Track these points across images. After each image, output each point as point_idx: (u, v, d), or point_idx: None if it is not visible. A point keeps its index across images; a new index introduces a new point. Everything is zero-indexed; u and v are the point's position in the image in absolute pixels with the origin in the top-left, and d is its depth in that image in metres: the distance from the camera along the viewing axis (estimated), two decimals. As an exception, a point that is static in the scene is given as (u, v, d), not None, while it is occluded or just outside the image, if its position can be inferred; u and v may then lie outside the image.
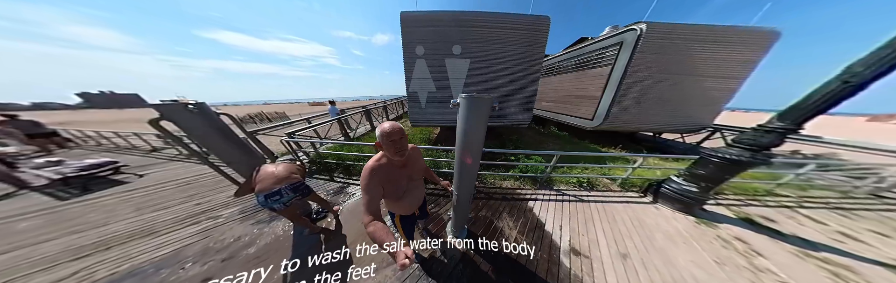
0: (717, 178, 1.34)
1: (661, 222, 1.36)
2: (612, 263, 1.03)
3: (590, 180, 1.89)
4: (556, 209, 1.48)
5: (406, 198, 0.70)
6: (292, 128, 2.20)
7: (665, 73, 2.73)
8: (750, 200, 1.71)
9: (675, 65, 2.68)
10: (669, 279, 0.96)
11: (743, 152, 1.21)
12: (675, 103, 2.93)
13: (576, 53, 3.74)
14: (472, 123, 0.65)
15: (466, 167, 0.76)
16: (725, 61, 2.71)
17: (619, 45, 2.76)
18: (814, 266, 1.06)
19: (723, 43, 2.61)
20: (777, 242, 1.22)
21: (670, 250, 1.13)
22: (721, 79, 2.82)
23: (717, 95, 2.93)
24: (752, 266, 1.04)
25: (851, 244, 1.26)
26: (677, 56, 2.64)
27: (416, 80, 2.61)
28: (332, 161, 2.17)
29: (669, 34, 2.51)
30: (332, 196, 1.66)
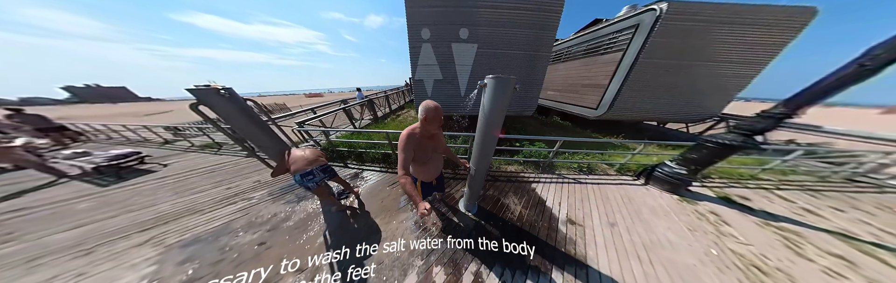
0: (708, 161, 1.45)
1: (648, 200, 1.54)
2: (602, 229, 1.22)
3: (590, 165, 2.03)
4: (556, 189, 1.65)
5: (429, 164, 0.87)
6: (297, 118, 2.25)
7: (680, 59, 2.54)
8: (733, 183, 1.88)
9: (692, 50, 2.46)
10: (647, 240, 1.15)
11: (737, 136, 1.29)
12: (685, 92, 2.79)
13: (588, 37, 3.42)
14: (497, 101, 0.73)
15: (487, 142, 0.85)
16: (748, 45, 2.46)
17: (634, 28, 2.53)
18: (770, 232, 1.26)
19: (750, 25, 2.32)
20: (745, 215, 1.41)
21: (652, 220, 1.31)
22: (740, 65, 2.60)
23: (732, 82, 2.73)
24: (717, 232, 1.24)
25: (809, 216, 1.45)
26: (696, 40, 2.41)
27: (422, 66, 2.54)
28: (345, 149, 2.25)
29: (692, 15, 2.24)
30: (349, 181, 1.81)
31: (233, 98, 0.98)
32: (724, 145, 1.32)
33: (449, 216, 1.28)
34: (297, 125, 2.05)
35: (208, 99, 0.92)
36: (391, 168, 1.99)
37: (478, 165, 0.95)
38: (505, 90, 0.70)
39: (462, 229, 1.20)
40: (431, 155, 0.86)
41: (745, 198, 1.64)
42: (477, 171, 0.97)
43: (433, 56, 2.42)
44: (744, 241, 1.17)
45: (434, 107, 0.70)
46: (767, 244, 1.17)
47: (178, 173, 2.19)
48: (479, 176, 1.00)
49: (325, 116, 2.64)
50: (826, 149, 2.21)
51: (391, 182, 1.75)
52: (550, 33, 2.29)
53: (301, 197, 1.56)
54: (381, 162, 2.11)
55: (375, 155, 2.14)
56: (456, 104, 2.78)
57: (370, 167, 2.04)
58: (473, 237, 1.09)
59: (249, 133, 1.10)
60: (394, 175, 1.87)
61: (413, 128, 0.77)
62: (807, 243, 1.20)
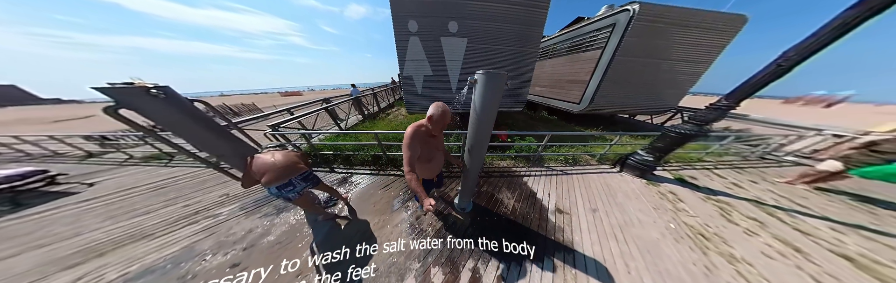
0: (669, 149, 1.69)
1: (623, 185, 1.74)
2: (585, 215, 1.35)
3: (574, 156, 2.20)
4: (545, 182, 1.75)
5: (433, 162, 0.88)
6: (271, 120, 1.96)
7: (648, 57, 2.84)
8: (685, 166, 2.23)
9: (657, 49, 2.78)
10: (621, 221, 1.31)
11: (693, 126, 1.50)
12: (651, 87, 3.16)
13: (571, 34, 3.61)
14: (489, 97, 0.69)
15: (480, 140, 0.83)
16: (699, 46, 2.87)
17: (611, 27, 2.73)
18: (710, 204, 1.55)
19: (701, 28, 2.73)
20: (693, 192, 1.70)
21: (625, 203, 1.50)
22: (692, 63, 3.04)
23: (686, 78, 3.20)
24: (675, 208, 1.48)
25: (735, 189, 1.81)
26: (660, 40, 2.71)
27: (411, 62, 2.36)
28: (330, 153, 2.09)
29: (657, 16, 2.52)
30: (336, 186, 1.68)
31: (171, 99, 0.76)
32: (683, 134, 1.54)
33: (445, 214, 1.28)
34: (270, 129, 1.78)
35: (133, 101, 0.70)
36: (383, 170, 1.89)
37: (471, 163, 0.93)
38: (496, 86, 0.66)
39: (459, 226, 1.21)
40: (435, 153, 0.86)
41: (693, 177, 1.96)
42: (470, 168, 0.96)
43: (422, 51, 2.26)
44: (693, 214, 1.42)
45: (443, 108, 0.70)
46: (708, 214, 1.44)
47: (111, 193, 1.78)
48: (472, 174, 0.99)
49: (305, 117, 2.33)
50: (747, 134, 2.75)
51: (383, 185, 1.66)
52: (538, 29, 2.29)
53: (281, 208, 1.40)
54: (371, 164, 1.99)
55: (365, 158, 2.01)
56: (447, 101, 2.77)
57: (359, 171, 1.91)
58: (472, 236, 1.10)
59: (203, 141, 0.89)
60: (386, 178, 1.76)
61: (418, 125, 0.76)
62: (734, 210, 1.50)
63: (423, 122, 0.75)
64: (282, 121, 1.94)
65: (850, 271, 1.04)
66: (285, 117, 2.07)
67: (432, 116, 0.70)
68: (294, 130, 2.02)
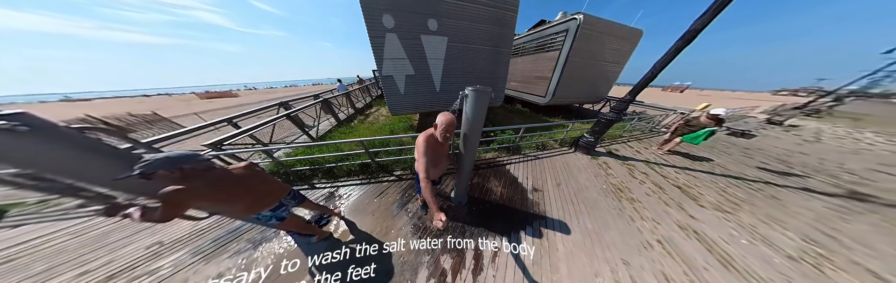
0: (603, 131, 2.35)
1: (576, 162, 2.34)
2: (552, 190, 1.81)
3: (544, 143, 2.72)
4: (523, 167, 2.16)
5: (439, 166, 0.96)
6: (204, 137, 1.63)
7: (589, 58, 3.62)
8: (611, 141, 3.11)
9: (593, 52, 3.57)
10: (576, 190, 1.83)
11: (614, 114, 2.14)
12: (592, 82, 4.13)
13: (535, 35, 4.16)
14: (478, 111, 0.82)
15: (470, 145, 0.99)
16: (619, 50, 3.88)
17: (565, 32, 3.29)
18: (624, 168, 2.32)
19: (618, 37, 3.67)
20: (616, 160, 2.47)
21: (578, 175, 2.07)
22: (615, 64, 4.10)
23: (612, 75, 4.32)
24: (606, 174, 2.15)
25: (637, 155, 2.72)
26: (595, 45, 3.48)
27: (390, 60, 2.22)
28: (305, 168, 1.84)
29: (594, 25, 3.19)
30: (324, 203, 1.54)
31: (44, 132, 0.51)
32: (610, 119, 2.19)
33: (445, 208, 1.41)
34: (209, 148, 1.43)
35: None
36: (374, 178, 1.83)
37: (464, 162, 1.08)
38: (483, 99, 0.80)
39: (459, 217, 1.34)
40: (441, 158, 0.94)
41: (616, 150, 2.80)
42: (464, 167, 1.11)
43: (401, 49, 2.13)
44: (615, 176, 2.12)
45: (451, 118, 0.77)
46: (623, 174, 2.16)
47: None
48: (465, 171, 1.14)
49: (261, 129, 1.97)
50: (644, 115, 3.98)
51: (378, 193, 1.63)
52: (509, 30, 2.47)
53: (259, 240, 1.18)
54: (360, 174, 1.89)
55: (351, 168, 1.89)
56: (432, 101, 2.69)
57: (347, 182, 1.78)
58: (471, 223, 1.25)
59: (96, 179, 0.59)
60: (379, 185, 1.72)
61: (428, 134, 0.82)
62: (635, 169, 2.29)
63: (432, 131, 0.81)
64: (225, 137, 1.55)
65: (678, 194, 1.85)
66: (230, 132, 1.65)
67: (440, 125, 0.76)
68: (246, 149, 1.72)
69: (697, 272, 1.08)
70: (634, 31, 3.82)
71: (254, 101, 11.11)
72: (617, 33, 3.62)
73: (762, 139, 3.83)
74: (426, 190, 0.76)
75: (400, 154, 2.06)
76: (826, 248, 1.32)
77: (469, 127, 0.90)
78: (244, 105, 8.91)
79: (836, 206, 1.80)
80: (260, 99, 12.02)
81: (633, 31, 3.79)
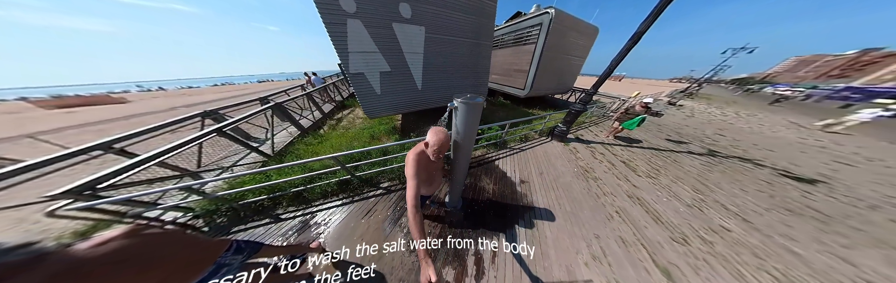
0: (573, 120, 2.70)
1: (553, 150, 2.64)
2: (536, 179, 2.01)
3: (526, 135, 2.94)
4: (510, 160, 2.32)
5: (434, 184, 0.89)
6: (52, 177, 1.11)
7: (559, 52, 3.83)
8: (578, 128, 3.61)
9: (562, 46, 3.77)
10: (554, 176, 2.09)
11: (581, 105, 2.46)
12: (561, 74, 4.50)
13: (513, 27, 4.11)
14: (470, 122, 0.74)
15: (463, 155, 0.90)
16: (582, 45, 4.24)
17: (539, 26, 3.33)
18: (588, 151, 2.77)
19: (581, 32, 3.96)
20: (583, 144, 2.91)
21: (555, 162, 2.36)
22: (579, 58, 4.51)
23: (577, 67, 4.78)
24: (576, 158, 2.52)
25: (596, 138, 3.27)
26: (564, 39, 3.67)
27: (358, 54, 1.83)
28: (261, 198, 1.40)
29: (563, 20, 3.31)
30: (298, 236, 1.26)
31: None
32: (578, 110, 2.53)
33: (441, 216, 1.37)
34: (77, 198, 0.84)
35: None
36: (357, 195, 1.59)
37: (457, 170, 1.02)
38: (474, 111, 0.71)
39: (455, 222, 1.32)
40: (436, 175, 0.86)
41: (581, 135, 3.29)
42: (457, 175, 1.05)
43: (369, 40, 1.74)
44: (582, 159, 2.50)
45: (443, 135, 0.68)
46: (588, 157, 2.57)
47: None
48: (459, 179, 1.09)
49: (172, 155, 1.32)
50: (599, 103, 4.79)
51: (364, 212, 1.43)
52: (489, 21, 2.32)
53: None
54: (340, 192, 1.60)
55: (328, 188, 1.57)
56: (414, 100, 2.45)
57: (324, 205, 1.49)
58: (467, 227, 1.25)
59: None
60: (364, 203, 1.51)
61: (418, 151, 0.71)
62: (596, 151, 2.76)
63: (422, 147, 0.71)
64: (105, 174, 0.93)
65: (625, 168, 2.34)
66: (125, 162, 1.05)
67: (430, 143, 0.67)
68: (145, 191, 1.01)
69: (641, 231, 1.39)
70: (593, 27, 4.24)
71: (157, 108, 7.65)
72: (581, 29, 3.91)
73: (667, 117, 5.23)
74: (414, 222, 0.61)
75: (385, 164, 1.80)
76: (702, 193, 1.90)
77: (462, 137, 0.79)
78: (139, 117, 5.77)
79: (705, 162, 2.62)
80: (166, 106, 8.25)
81: (592, 27, 4.22)
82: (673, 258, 1.20)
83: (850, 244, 1.46)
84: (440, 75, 2.39)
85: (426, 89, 2.40)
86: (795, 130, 4.38)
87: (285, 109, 2.47)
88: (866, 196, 2.15)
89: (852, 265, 1.28)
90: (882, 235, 1.60)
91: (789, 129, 4.49)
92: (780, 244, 1.39)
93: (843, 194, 2.15)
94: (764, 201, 1.87)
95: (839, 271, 1.24)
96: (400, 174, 1.77)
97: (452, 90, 2.85)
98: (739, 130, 4.34)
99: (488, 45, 2.53)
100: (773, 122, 5.28)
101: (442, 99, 2.75)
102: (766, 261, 1.24)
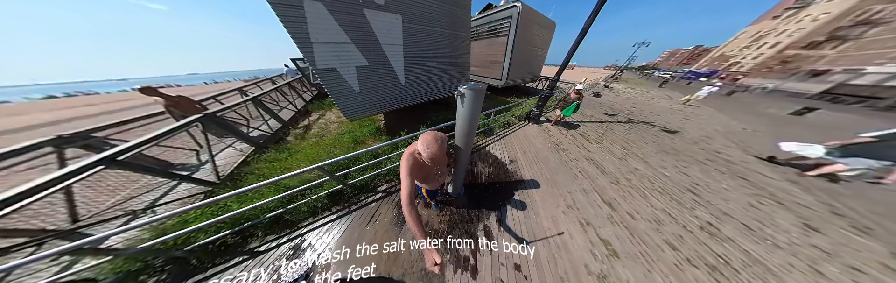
0: (543, 104, 3.26)
1: (530, 131, 3.14)
2: (522, 157, 2.42)
3: (508, 120, 3.34)
4: (498, 145, 2.67)
5: (432, 181, 0.89)
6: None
7: (527, 44, 4.19)
8: (547, 111, 4.21)
9: (529, 38, 4.11)
10: (535, 152, 2.55)
11: (548, 90, 2.97)
12: (530, 64, 5.00)
13: (486, 20, 4.20)
14: (474, 108, 0.81)
15: (467, 144, 0.96)
16: (544, 37, 4.73)
17: (510, 19, 3.50)
18: (556, 129, 3.39)
19: (543, 26, 4.42)
20: (552, 125, 3.50)
21: (534, 141, 2.85)
22: (542, 49, 5.05)
23: (541, 59, 5.41)
24: (548, 135, 3.08)
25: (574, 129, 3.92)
26: (530, 32, 3.98)
27: (325, 46, 1.51)
28: (217, 237, 1.11)
29: (529, 14, 3.57)
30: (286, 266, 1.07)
31: None
32: (547, 95, 3.07)
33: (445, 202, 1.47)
34: None
35: None
36: (354, 204, 1.47)
37: (461, 160, 1.09)
38: (480, 97, 0.77)
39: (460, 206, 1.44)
40: (435, 172, 0.82)
41: (549, 117, 3.89)
42: (460, 164, 1.12)
43: (338, 28, 1.47)
44: (552, 135, 3.05)
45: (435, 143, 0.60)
46: (556, 133, 3.17)
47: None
48: (462, 168, 1.17)
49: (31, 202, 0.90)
50: (561, 89, 5.59)
51: (368, 218, 1.35)
52: (465, 12, 2.34)
53: None
54: (333, 205, 1.44)
55: (316, 204, 1.37)
56: (399, 96, 2.37)
57: (316, 222, 1.32)
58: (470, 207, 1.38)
59: None
60: (365, 209, 1.43)
61: (412, 151, 0.67)
62: (563, 129, 3.42)
63: (415, 149, 0.65)
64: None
65: (581, 138, 3.05)
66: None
67: (424, 155, 0.61)
68: None
69: (594, 182, 1.95)
70: (552, 21, 4.76)
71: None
72: (543, 23, 4.34)
73: (605, 97, 6.73)
74: (409, 218, 0.58)
75: (379, 166, 1.68)
76: (626, 149, 2.72)
77: (466, 125, 0.87)
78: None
79: (627, 127, 3.70)
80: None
81: (551, 21, 4.73)
82: (612, 195, 1.78)
83: (686, 165, 2.42)
84: (423, 69, 2.36)
85: (410, 84, 2.35)
86: (669, 102, 6.48)
87: (225, 122, 1.89)
88: (697, 137, 3.49)
89: (687, 175, 2.17)
90: (700, 157, 2.68)
91: (667, 101, 6.61)
92: (660, 172, 2.18)
93: (686, 137, 3.43)
94: (654, 148, 2.83)
95: (683, 180, 2.07)
96: (397, 174, 1.61)
97: (437, 84, 2.78)
98: (644, 103, 6.04)
99: (466, 36, 2.61)
100: (659, 97, 7.62)
101: (426, 93, 2.74)
102: (655, 183, 1.97)
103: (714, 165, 2.46)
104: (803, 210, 1.80)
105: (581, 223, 1.41)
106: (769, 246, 1.36)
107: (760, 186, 2.07)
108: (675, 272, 1.13)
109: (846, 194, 2.11)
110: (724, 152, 2.89)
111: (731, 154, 2.82)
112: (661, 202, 1.71)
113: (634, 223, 1.45)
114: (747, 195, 1.89)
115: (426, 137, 0.62)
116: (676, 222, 1.51)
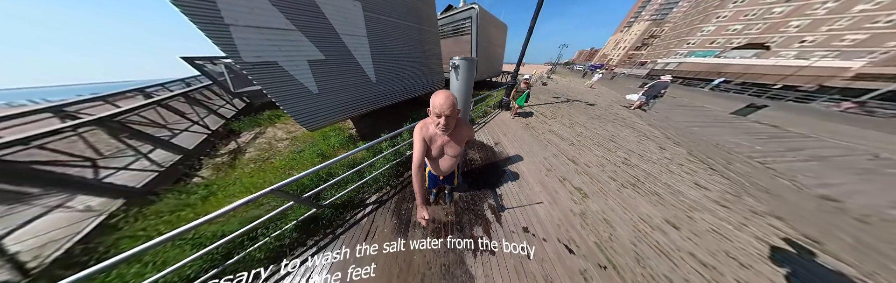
0: (509, 93, 3.77)
1: (505, 118, 3.66)
2: (504, 139, 2.81)
3: (485, 110, 3.77)
4: (482, 132, 3.00)
5: (440, 161, 0.79)
6: None
7: (488, 42, 4.77)
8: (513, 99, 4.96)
9: (488, 37, 4.70)
10: (513, 133, 3.03)
11: (513, 80, 3.53)
12: (492, 60, 5.68)
13: (449, 19, 4.45)
14: (468, 81, 0.85)
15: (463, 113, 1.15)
16: (499, 37, 5.47)
17: (470, 19, 3.94)
18: (523, 111, 4.07)
19: (498, 27, 5.07)
20: (528, 115, 4.13)
21: (510, 124, 3.35)
22: (500, 48, 5.90)
23: (500, 56, 6.23)
24: (525, 124, 3.62)
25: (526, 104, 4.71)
26: (488, 32, 4.58)
27: (254, 31, 1.07)
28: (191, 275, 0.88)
29: (484, 15, 4.02)
30: None
31: None
32: (511, 85, 3.62)
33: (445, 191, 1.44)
34: None
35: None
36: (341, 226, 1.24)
37: None
38: (472, 68, 0.84)
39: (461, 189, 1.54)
40: (444, 150, 0.75)
41: (518, 103, 4.55)
42: None
43: (272, 8, 1.10)
44: (524, 118, 3.69)
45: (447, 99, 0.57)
46: (531, 119, 3.80)
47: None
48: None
49: None
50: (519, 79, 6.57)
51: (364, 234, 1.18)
52: (430, 7, 2.39)
53: None
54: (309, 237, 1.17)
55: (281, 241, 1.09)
56: (369, 96, 2.11)
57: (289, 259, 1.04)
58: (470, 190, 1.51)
59: None
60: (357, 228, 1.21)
61: (424, 122, 0.70)
62: (528, 112, 4.06)
63: (426, 121, 0.67)
64: None
65: (544, 117, 3.77)
66: None
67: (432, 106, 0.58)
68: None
69: (558, 147, 2.49)
70: (504, 24, 5.57)
71: None
72: (497, 25, 4.96)
73: (550, 86, 8.82)
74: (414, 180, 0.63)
75: (363, 175, 1.44)
76: (571, 120, 3.69)
77: (462, 97, 0.97)
78: None
79: (568, 105, 4.88)
80: None
81: (504, 24, 5.50)
82: (572, 153, 2.38)
83: (604, 123, 3.55)
84: (393, 65, 2.26)
85: (382, 82, 2.17)
86: (581, 86, 8.98)
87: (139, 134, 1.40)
88: (604, 106, 5.07)
89: (607, 131, 3.17)
90: (609, 118, 3.96)
91: (581, 86, 9.06)
92: (594, 132, 3.07)
93: (599, 106, 4.93)
94: (586, 116, 3.97)
95: (606, 134, 2.99)
96: (389, 180, 1.56)
97: (412, 80, 2.74)
98: (573, 88, 8.22)
99: (435, 32, 2.74)
100: (579, 83, 10.20)
101: (403, 91, 2.57)
102: (593, 139, 2.77)
103: (617, 121, 3.75)
104: (650, 134, 3.07)
105: (560, 180, 1.80)
106: (650, 163, 2.17)
107: (633, 126, 3.43)
108: (619, 195, 1.64)
109: (649, 116, 4.15)
110: (618, 112, 4.49)
111: (619, 112, 4.44)
112: (600, 151, 2.43)
113: (590, 170, 2.01)
114: (633, 135, 3.01)
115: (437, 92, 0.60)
116: (610, 162, 2.17)
